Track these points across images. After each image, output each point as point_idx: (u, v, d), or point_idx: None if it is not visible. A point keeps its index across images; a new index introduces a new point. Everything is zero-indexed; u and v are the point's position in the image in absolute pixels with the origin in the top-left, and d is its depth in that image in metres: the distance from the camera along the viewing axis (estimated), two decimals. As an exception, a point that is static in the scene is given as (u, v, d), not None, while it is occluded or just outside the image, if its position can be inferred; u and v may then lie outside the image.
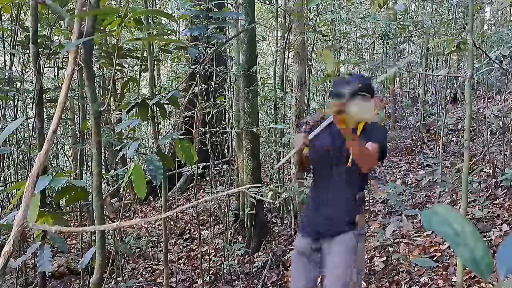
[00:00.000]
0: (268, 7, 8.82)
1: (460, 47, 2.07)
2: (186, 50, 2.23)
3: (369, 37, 8.36)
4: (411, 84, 10.39)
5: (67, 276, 4.58)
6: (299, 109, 4.51)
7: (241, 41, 4.39)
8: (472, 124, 6.18)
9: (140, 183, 1.63)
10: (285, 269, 3.98)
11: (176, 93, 2.05)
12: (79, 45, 1.15)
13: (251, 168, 4.45)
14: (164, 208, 2.28)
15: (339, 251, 2.09)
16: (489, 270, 0.49)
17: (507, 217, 3.80)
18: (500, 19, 9.63)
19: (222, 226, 5.34)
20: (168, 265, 2.35)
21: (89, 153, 5.60)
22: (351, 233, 2.10)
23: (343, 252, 2.08)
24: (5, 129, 1.12)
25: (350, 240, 2.09)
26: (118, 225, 0.82)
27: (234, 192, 2.01)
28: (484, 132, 5.88)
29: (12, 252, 0.77)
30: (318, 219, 2.17)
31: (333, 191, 2.14)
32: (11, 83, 3.83)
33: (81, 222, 3.91)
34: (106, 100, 1.81)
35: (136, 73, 7.20)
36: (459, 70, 8.94)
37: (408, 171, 6.00)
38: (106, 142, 3.85)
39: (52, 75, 6.55)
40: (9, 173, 5.11)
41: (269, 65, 10.16)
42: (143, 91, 11.21)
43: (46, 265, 1.13)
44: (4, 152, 3.18)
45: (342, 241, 2.10)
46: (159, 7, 9.31)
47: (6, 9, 3.83)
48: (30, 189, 0.80)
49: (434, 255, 3.46)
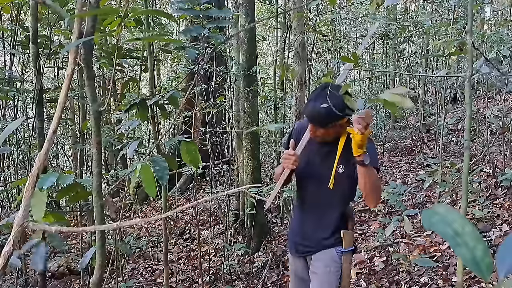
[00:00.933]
0: (268, 7, 8.82)
1: (461, 49, 2.06)
2: (185, 50, 2.23)
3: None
4: (411, 84, 10.39)
5: (67, 276, 4.58)
6: (299, 109, 4.51)
7: (241, 41, 4.39)
8: (472, 124, 6.18)
9: (150, 183, 1.64)
10: (285, 269, 3.98)
11: (176, 93, 2.05)
12: (79, 45, 1.15)
13: (251, 168, 4.45)
14: (164, 208, 2.29)
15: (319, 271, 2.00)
16: (489, 270, 0.49)
17: (507, 217, 3.80)
18: (500, 19, 9.62)
19: (222, 226, 5.34)
20: (168, 265, 2.35)
21: (89, 153, 5.60)
22: (333, 250, 1.99)
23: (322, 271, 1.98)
24: (5, 129, 1.12)
25: (331, 259, 1.98)
26: (118, 225, 0.82)
27: (234, 192, 2.01)
28: (484, 132, 5.88)
29: (12, 252, 0.77)
30: (300, 237, 2.09)
31: (316, 208, 2.03)
32: (11, 83, 3.82)
33: (81, 222, 3.91)
34: (106, 100, 1.81)
35: (136, 73, 7.21)
36: (459, 70, 8.94)
37: (408, 171, 6.00)
38: (106, 142, 3.85)
39: (52, 75, 6.55)
40: (9, 173, 5.11)
41: (269, 65, 10.16)
42: (143, 91, 11.21)
43: (38, 264, 1.12)
44: (4, 152, 3.18)
45: (322, 259, 2.00)
46: (159, 7, 9.31)
47: (6, 9, 3.83)
48: (30, 189, 0.80)
49: (434, 255, 3.46)
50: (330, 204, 1.99)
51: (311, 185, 2.03)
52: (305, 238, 2.07)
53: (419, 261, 2.96)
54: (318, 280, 2.00)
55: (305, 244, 2.07)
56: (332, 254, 1.99)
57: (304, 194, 2.09)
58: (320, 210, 2.03)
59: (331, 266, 1.98)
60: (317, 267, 2.01)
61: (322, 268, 1.99)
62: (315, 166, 1.99)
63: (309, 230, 2.05)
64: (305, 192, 2.07)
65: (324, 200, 2.00)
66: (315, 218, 2.04)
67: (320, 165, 1.97)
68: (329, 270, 1.97)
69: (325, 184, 1.94)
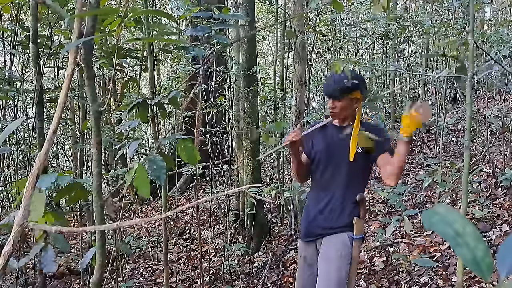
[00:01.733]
0: (268, 7, 8.82)
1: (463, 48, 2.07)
2: (186, 50, 2.23)
3: (369, 37, 8.37)
4: (411, 84, 10.39)
5: (67, 276, 4.58)
6: (299, 109, 4.51)
7: (241, 41, 4.40)
8: (472, 124, 6.18)
9: (144, 183, 1.63)
10: (285, 269, 3.98)
11: (177, 93, 2.05)
12: (79, 45, 1.15)
13: (251, 168, 4.45)
14: (164, 208, 2.28)
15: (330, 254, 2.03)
16: (490, 270, 0.49)
17: (507, 217, 3.79)
18: (500, 19, 9.63)
19: (222, 226, 5.34)
20: (168, 265, 2.35)
21: (89, 153, 5.60)
22: (345, 235, 2.03)
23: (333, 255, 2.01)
24: (5, 129, 1.12)
25: (342, 243, 2.02)
26: (118, 225, 0.82)
27: (234, 192, 2.01)
28: (484, 132, 5.88)
29: (12, 252, 0.77)
30: (314, 221, 2.14)
31: (331, 192, 2.10)
32: (11, 83, 3.82)
33: (81, 222, 3.91)
34: (106, 100, 1.81)
35: (136, 73, 7.20)
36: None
37: (408, 171, 6.00)
38: (106, 142, 3.84)
39: (52, 75, 6.55)
40: (9, 173, 5.11)
41: (269, 65, 10.16)
42: (143, 91, 11.22)
43: (50, 266, 1.13)
44: (4, 152, 3.18)
45: (334, 242, 2.04)
46: (159, 7, 9.31)
47: (6, 9, 3.83)
48: (30, 189, 0.80)
49: (434, 255, 3.45)
50: (345, 188, 2.06)
51: (329, 168, 2.11)
52: (318, 221, 2.12)
53: (419, 261, 2.96)
54: (328, 263, 2.02)
55: (318, 226, 2.11)
56: (344, 239, 2.03)
57: (320, 178, 2.15)
58: (335, 194, 2.09)
59: (342, 250, 2.01)
60: (327, 250, 2.05)
61: (333, 251, 2.02)
62: (334, 147, 2.09)
63: (323, 213, 2.10)
64: (322, 176, 2.14)
65: (339, 183, 2.07)
66: (329, 201, 2.10)
67: (338, 146, 2.07)
68: (340, 254, 2.01)
69: (342, 167, 2.05)
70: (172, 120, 7.55)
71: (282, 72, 5.40)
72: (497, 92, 6.87)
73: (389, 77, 8.55)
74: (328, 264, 2.02)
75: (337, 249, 2.01)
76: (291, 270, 3.91)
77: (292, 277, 3.69)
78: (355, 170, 2.04)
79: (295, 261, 4.04)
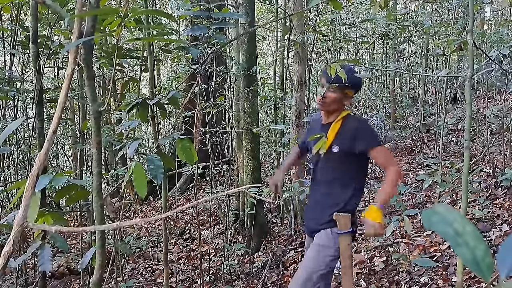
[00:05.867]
0: (268, 7, 8.82)
1: (461, 48, 2.07)
2: (186, 50, 2.22)
3: (369, 37, 8.36)
4: (411, 84, 10.38)
5: (67, 276, 4.58)
6: (299, 109, 4.51)
7: (241, 41, 4.39)
8: (472, 124, 6.18)
9: (141, 182, 1.63)
10: (285, 269, 3.98)
11: (177, 93, 2.05)
12: (79, 45, 1.15)
13: (251, 168, 4.45)
14: (164, 208, 2.28)
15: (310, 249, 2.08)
16: (490, 270, 0.49)
17: (507, 217, 3.79)
18: (500, 19, 9.62)
19: (222, 226, 5.34)
20: (168, 265, 2.35)
21: (89, 153, 5.60)
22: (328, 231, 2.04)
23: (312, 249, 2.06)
24: (5, 129, 1.12)
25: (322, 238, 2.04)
26: (118, 225, 0.82)
27: (234, 192, 2.01)
28: (484, 132, 5.88)
29: (12, 252, 0.77)
30: (306, 215, 2.23)
31: (319, 187, 2.15)
32: (11, 83, 3.82)
33: (81, 222, 3.91)
34: (106, 100, 1.81)
35: (136, 73, 7.21)
36: (459, 70, 8.94)
37: (408, 171, 6.00)
38: (106, 142, 3.84)
39: (52, 75, 6.54)
40: (9, 173, 5.11)
41: (269, 65, 10.16)
42: (143, 91, 11.21)
43: (47, 264, 1.13)
44: (4, 152, 3.18)
45: (318, 238, 2.08)
46: (159, 7, 9.31)
47: (6, 9, 3.83)
48: (30, 189, 0.80)
49: (434, 255, 3.45)
50: (330, 183, 2.08)
51: (317, 164, 2.16)
52: (309, 215, 2.19)
53: (419, 261, 2.95)
54: (305, 258, 2.09)
55: (311, 220, 2.17)
56: (323, 236, 2.05)
57: (313, 173, 2.22)
58: (321, 189, 2.13)
59: (321, 246, 2.04)
60: (311, 246, 2.09)
61: (314, 246, 2.06)
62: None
63: (313, 210, 2.16)
64: (314, 172, 2.21)
65: (325, 178, 2.11)
66: (317, 198, 2.15)
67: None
68: (318, 249, 2.03)
69: (325, 162, 2.08)
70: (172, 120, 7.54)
71: (282, 72, 5.40)
72: (497, 92, 6.86)
73: (389, 77, 8.55)
74: (302, 263, 2.10)
75: (317, 244, 2.05)
76: (291, 270, 3.91)
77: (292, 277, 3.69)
78: (337, 165, 2.06)
79: (295, 261, 4.04)
